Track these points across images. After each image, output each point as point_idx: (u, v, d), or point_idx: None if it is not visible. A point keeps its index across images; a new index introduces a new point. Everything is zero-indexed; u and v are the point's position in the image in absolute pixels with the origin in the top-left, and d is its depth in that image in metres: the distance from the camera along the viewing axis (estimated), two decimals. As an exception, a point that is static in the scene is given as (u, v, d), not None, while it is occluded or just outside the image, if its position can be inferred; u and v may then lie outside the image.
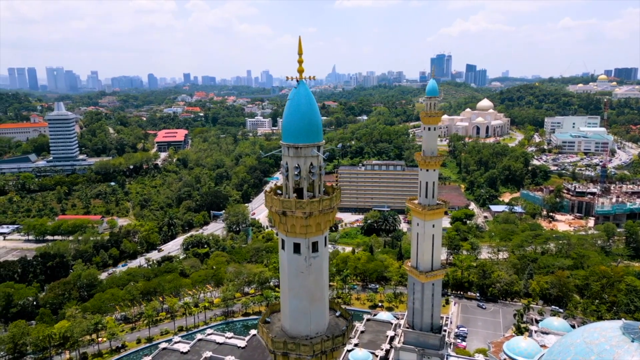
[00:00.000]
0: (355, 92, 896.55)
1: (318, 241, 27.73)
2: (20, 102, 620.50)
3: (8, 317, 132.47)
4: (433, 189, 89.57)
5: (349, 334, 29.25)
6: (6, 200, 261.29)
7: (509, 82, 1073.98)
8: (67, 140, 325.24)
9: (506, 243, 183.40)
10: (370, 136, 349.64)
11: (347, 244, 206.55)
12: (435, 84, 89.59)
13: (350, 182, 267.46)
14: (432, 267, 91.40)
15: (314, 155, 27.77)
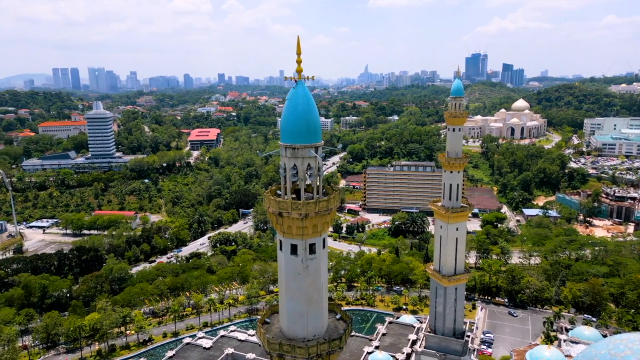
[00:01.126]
0: (387, 92, 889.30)
1: (315, 243, 27.47)
2: (63, 101, 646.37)
3: (43, 307, 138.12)
4: (457, 191, 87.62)
5: (347, 337, 28.83)
6: (47, 195, 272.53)
7: (547, 81, 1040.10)
8: (105, 138, 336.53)
9: (539, 248, 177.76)
10: (400, 136, 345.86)
11: (374, 245, 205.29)
12: (460, 83, 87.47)
13: (379, 182, 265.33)
14: (456, 271, 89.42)
15: (311, 156, 27.50)
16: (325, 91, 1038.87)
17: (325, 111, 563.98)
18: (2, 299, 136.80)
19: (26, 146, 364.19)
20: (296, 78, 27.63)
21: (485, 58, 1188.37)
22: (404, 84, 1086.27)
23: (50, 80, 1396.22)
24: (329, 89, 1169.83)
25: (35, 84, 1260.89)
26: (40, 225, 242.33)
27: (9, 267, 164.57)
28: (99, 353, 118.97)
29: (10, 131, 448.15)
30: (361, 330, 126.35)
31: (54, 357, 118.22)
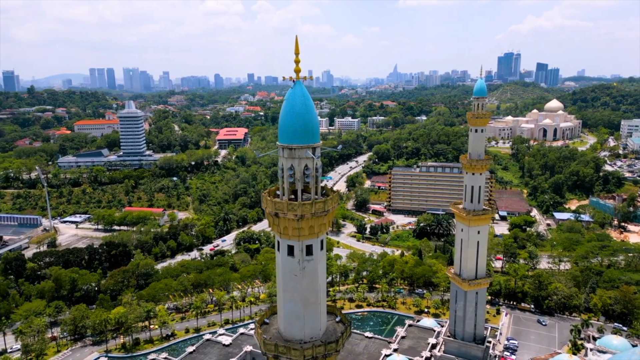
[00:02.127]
0: (416, 92, 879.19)
1: (312, 244, 27.22)
2: (98, 100, 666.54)
3: (72, 300, 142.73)
4: (479, 193, 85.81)
5: (344, 340, 28.49)
6: (80, 192, 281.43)
7: (584, 81, 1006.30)
8: (136, 136, 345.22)
9: (569, 253, 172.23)
10: (427, 137, 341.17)
11: (398, 246, 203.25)
12: (483, 83, 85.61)
13: (404, 183, 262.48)
14: (477, 275, 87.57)
15: (308, 157, 27.24)
16: (353, 91, 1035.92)
17: (352, 111, 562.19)
18: (34, 291, 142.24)
19: (62, 144, 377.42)
20: (294, 78, 27.41)
21: (518, 57, 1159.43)
22: (433, 84, 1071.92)
23: (87, 80, 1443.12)
24: (357, 88, 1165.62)
25: (73, 84, 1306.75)
26: (74, 220, 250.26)
27: (42, 260, 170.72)
28: (123, 346, 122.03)
29: (48, 129, 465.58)
30: (381, 332, 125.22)
31: (80, 348, 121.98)
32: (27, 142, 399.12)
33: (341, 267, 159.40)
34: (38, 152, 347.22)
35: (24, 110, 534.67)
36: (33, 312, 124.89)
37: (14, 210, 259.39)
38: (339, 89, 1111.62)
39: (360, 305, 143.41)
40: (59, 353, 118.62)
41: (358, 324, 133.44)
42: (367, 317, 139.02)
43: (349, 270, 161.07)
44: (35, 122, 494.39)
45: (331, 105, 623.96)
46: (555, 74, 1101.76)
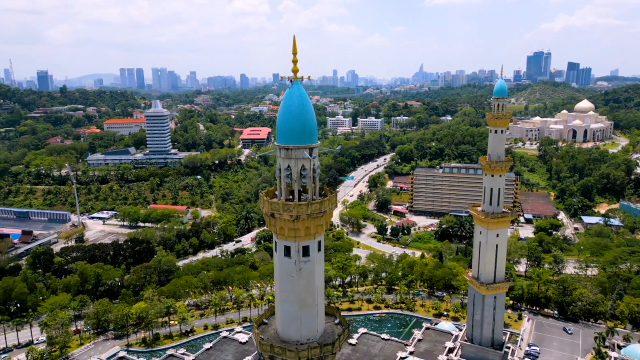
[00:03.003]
0: (442, 92, 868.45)
1: (309, 245, 27.07)
2: (127, 100, 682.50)
3: (96, 294, 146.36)
4: (498, 195, 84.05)
5: (341, 343, 28.23)
6: (107, 189, 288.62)
7: (617, 81, 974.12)
8: (162, 135, 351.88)
9: (597, 258, 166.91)
10: (452, 137, 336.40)
11: (419, 248, 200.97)
12: (503, 83, 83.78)
13: (427, 184, 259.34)
14: (495, 279, 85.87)
15: (305, 158, 27.09)
16: (378, 91, 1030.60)
17: (376, 111, 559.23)
18: (61, 285, 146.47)
19: (91, 142, 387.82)
20: (292, 78, 27.32)
21: (548, 56, 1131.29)
22: (459, 84, 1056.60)
23: (118, 79, 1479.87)
24: (382, 88, 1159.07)
25: (104, 83, 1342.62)
26: (101, 216, 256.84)
27: (69, 255, 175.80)
28: (144, 341, 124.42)
29: (79, 127, 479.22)
30: (399, 334, 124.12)
31: (103, 342, 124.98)
32: (58, 140, 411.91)
33: (360, 267, 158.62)
34: (69, 149, 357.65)
35: (56, 109, 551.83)
36: (58, 305, 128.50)
37: (45, 206, 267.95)
38: (363, 88, 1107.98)
39: (379, 306, 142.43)
40: (82, 346, 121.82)
41: (375, 326, 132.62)
42: (384, 319, 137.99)
43: (368, 271, 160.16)
44: (67, 120, 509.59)
45: (355, 105, 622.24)
46: (587, 74, 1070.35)
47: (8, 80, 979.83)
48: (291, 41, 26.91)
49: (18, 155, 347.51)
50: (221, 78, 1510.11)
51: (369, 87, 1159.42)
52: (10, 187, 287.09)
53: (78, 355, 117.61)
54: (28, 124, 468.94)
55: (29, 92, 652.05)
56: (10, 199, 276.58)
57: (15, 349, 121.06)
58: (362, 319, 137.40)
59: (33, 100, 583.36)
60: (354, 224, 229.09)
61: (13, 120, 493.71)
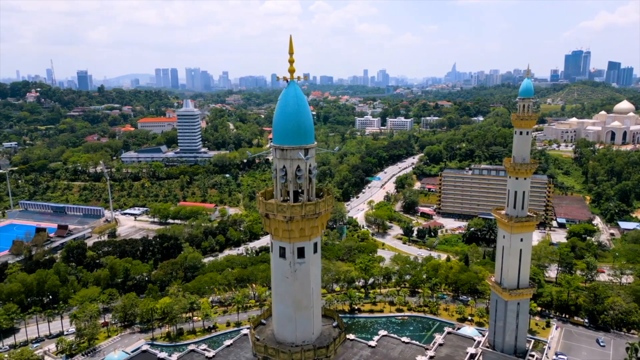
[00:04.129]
0: (475, 92, 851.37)
1: (305, 247, 26.84)
2: (161, 99, 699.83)
3: (125, 288, 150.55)
4: (523, 199, 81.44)
5: (337, 346, 27.88)
6: (139, 186, 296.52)
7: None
8: (192, 134, 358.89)
9: (633, 266, 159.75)
10: (482, 138, 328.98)
11: (446, 251, 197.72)
12: (530, 83, 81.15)
13: (455, 186, 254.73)
14: (519, 284, 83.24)
15: (299, 158, 26.86)
16: (409, 90, 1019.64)
17: (405, 111, 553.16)
18: (91, 278, 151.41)
19: (126, 140, 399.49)
20: (288, 78, 27.15)
21: (587, 55, 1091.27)
22: (493, 84, 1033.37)
23: (153, 79, 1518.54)
24: (413, 88, 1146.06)
25: (140, 83, 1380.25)
26: (133, 212, 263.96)
27: (101, 249, 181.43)
28: (168, 335, 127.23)
29: (115, 126, 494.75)
30: (420, 338, 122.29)
31: (129, 335, 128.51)
32: (95, 138, 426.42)
33: (383, 269, 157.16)
34: (104, 147, 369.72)
35: (94, 108, 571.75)
36: (88, 298, 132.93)
37: (80, 202, 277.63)
38: (394, 88, 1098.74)
39: (401, 309, 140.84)
40: (109, 338, 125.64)
41: (397, 328, 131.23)
42: (407, 322, 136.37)
43: (391, 273, 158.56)
44: (104, 119, 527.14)
45: (384, 105, 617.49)
46: (628, 74, 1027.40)
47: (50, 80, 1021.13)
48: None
49: (57, 152, 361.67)
50: (252, 78, 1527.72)
51: (399, 87, 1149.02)
52: (48, 183, 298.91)
53: (105, 347, 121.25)
54: (67, 122, 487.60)
55: (68, 91, 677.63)
56: (49, 194, 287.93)
57: (47, 339, 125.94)
58: (384, 321, 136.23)
59: (72, 99, 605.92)
60: (379, 225, 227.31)
61: (53, 118, 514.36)
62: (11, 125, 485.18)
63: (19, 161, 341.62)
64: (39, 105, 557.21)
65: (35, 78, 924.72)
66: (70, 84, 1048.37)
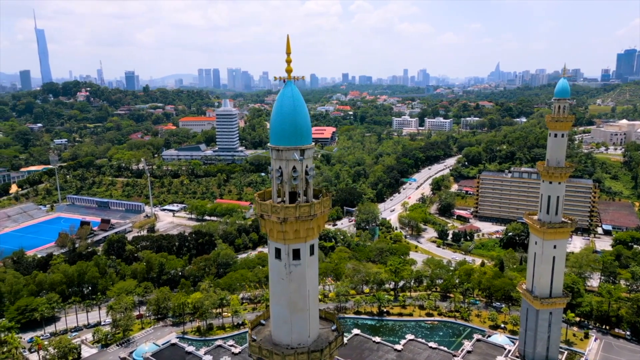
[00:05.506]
0: (518, 92, 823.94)
1: (300, 249, 26.57)
2: (202, 99, 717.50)
3: (160, 282, 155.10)
4: (557, 204, 78.21)
5: (332, 350, 27.44)
6: (179, 183, 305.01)
7: None
8: (230, 133, 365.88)
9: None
10: (524, 140, 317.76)
11: (482, 255, 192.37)
12: (566, 84, 77.58)
13: (494, 189, 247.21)
14: (551, 293, 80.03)
15: (295, 159, 26.59)
16: (449, 90, 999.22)
17: (445, 111, 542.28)
18: (129, 271, 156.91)
19: (167, 138, 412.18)
20: (285, 78, 26.96)
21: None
22: (539, 83, 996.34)
23: (196, 79, 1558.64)
24: (454, 88, 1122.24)
25: (183, 83, 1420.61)
26: (171, 209, 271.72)
27: (139, 244, 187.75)
28: (198, 330, 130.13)
29: (158, 124, 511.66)
30: (450, 344, 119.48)
31: (162, 328, 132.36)
32: (139, 136, 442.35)
33: (414, 272, 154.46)
34: (146, 145, 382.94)
35: (139, 107, 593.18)
36: (125, 290, 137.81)
37: (123, 197, 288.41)
38: (434, 88, 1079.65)
39: (431, 313, 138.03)
40: (142, 330, 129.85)
41: (427, 333, 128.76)
42: (436, 327, 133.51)
43: (423, 277, 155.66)
44: (148, 118, 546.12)
45: (423, 105, 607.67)
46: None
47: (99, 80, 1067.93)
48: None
49: (103, 149, 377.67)
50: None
51: (440, 87, 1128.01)
52: (94, 179, 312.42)
53: (139, 339, 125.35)
54: (114, 120, 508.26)
55: (116, 91, 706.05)
56: (94, 189, 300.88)
57: (85, 329, 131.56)
58: (413, 325, 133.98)
59: (119, 98, 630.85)
60: (413, 228, 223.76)
61: (101, 117, 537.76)
62: (62, 123, 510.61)
63: (68, 157, 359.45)
64: (89, 104, 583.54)
65: (86, 78, 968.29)
66: (119, 84, 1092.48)
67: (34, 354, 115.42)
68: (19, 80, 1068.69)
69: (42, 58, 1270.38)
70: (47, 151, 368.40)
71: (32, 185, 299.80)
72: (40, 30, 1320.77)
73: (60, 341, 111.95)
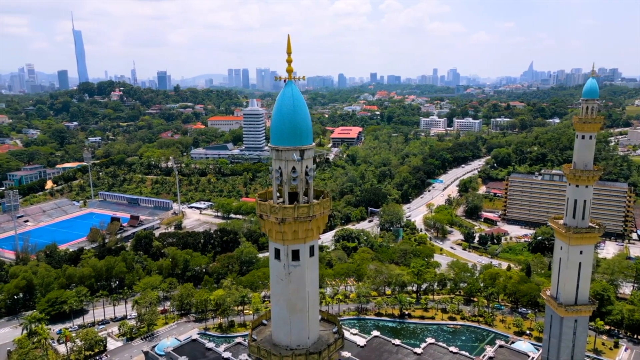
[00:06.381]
0: (552, 92, 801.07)
1: (299, 250, 26.40)
2: (231, 98, 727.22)
3: (184, 278, 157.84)
4: (584, 208, 75.37)
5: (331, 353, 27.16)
6: (206, 181, 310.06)
7: None
8: (256, 132, 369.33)
9: None
10: (556, 142, 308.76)
11: (509, 259, 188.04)
12: (594, 84, 74.84)
13: (523, 191, 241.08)
14: (576, 300, 77.14)
15: (294, 160, 26.43)
16: (480, 90, 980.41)
17: (474, 112, 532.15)
18: (155, 267, 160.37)
19: (196, 137, 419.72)
20: (286, 78, 26.84)
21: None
22: (574, 83, 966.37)
23: (226, 79, 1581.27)
24: (485, 88, 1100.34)
25: (213, 83, 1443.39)
26: (198, 206, 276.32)
27: (166, 240, 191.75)
28: (220, 326, 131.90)
29: (187, 123, 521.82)
30: (472, 349, 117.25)
31: (185, 323, 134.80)
32: (169, 135, 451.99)
33: (438, 275, 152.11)
34: (176, 143, 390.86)
35: (169, 107, 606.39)
36: (150, 285, 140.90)
37: (152, 194, 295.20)
38: (464, 88, 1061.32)
39: (454, 317, 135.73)
40: (166, 325, 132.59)
41: (448, 337, 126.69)
42: (459, 331, 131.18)
43: (447, 279, 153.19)
44: (178, 117, 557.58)
45: (452, 105, 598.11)
46: None
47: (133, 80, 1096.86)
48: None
49: (134, 147, 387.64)
50: (320, 78, 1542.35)
51: (470, 87, 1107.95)
52: (125, 176, 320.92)
53: (162, 333, 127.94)
54: (145, 119, 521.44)
55: (147, 90, 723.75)
56: (125, 186, 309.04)
57: (112, 322, 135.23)
58: (435, 328, 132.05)
59: (151, 98, 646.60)
60: (438, 230, 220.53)
61: (134, 115, 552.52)
62: (97, 121, 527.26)
63: (101, 155, 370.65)
64: (122, 103, 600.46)
65: (121, 78, 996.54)
66: (151, 84, 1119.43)
67: (62, 345, 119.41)
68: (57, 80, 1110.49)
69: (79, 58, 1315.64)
70: (81, 149, 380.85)
71: (66, 181, 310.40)
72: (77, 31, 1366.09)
73: (87, 333, 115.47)
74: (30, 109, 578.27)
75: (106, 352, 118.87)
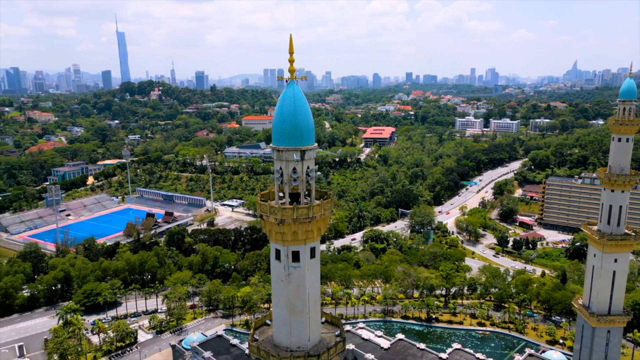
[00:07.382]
0: (597, 92, 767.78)
1: (300, 251, 26.16)
2: (266, 98, 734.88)
3: (213, 274, 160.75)
4: (619, 214, 71.81)
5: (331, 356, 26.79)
6: (238, 179, 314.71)
7: None
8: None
9: None
10: (599, 144, 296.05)
11: (544, 265, 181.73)
12: (632, 83, 71.17)
13: (561, 195, 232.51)
14: (610, 310, 73.66)
15: (294, 160, 26.19)
16: (519, 90, 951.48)
17: (512, 112, 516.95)
18: (185, 263, 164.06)
19: (230, 136, 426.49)
20: (288, 78, 26.67)
21: None
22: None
23: (262, 79, 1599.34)
24: (524, 88, 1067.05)
25: (249, 83, 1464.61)
26: (231, 204, 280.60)
27: (198, 237, 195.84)
28: (246, 323, 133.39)
29: (222, 123, 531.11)
30: (501, 357, 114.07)
31: (212, 319, 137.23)
32: (204, 134, 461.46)
33: (468, 279, 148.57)
34: (210, 142, 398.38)
35: (206, 106, 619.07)
36: (180, 280, 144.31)
37: (187, 191, 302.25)
38: (502, 88, 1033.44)
39: (483, 323, 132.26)
40: (194, 320, 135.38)
41: (477, 343, 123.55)
42: (488, 337, 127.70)
43: (477, 284, 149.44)
44: (214, 116, 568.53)
45: (489, 105, 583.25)
46: None
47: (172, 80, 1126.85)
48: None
49: (171, 145, 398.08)
50: (354, 77, 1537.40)
51: (509, 87, 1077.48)
52: (161, 173, 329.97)
53: (190, 328, 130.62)
54: (182, 118, 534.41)
55: (185, 90, 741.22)
56: (161, 183, 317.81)
57: (143, 315, 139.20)
58: (463, 333, 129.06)
59: (188, 97, 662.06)
60: (471, 233, 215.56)
61: (171, 114, 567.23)
62: (136, 120, 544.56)
63: (140, 152, 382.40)
64: (160, 102, 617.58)
65: (160, 78, 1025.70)
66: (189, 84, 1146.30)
67: (95, 336, 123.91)
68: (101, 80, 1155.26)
69: (122, 59, 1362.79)
70: (121, 146, 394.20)
71: (106, 177, 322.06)
72: (121, 32, 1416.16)
73: (119, 325, 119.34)
74: (75, 107, 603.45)
75: (137, 344, 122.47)
